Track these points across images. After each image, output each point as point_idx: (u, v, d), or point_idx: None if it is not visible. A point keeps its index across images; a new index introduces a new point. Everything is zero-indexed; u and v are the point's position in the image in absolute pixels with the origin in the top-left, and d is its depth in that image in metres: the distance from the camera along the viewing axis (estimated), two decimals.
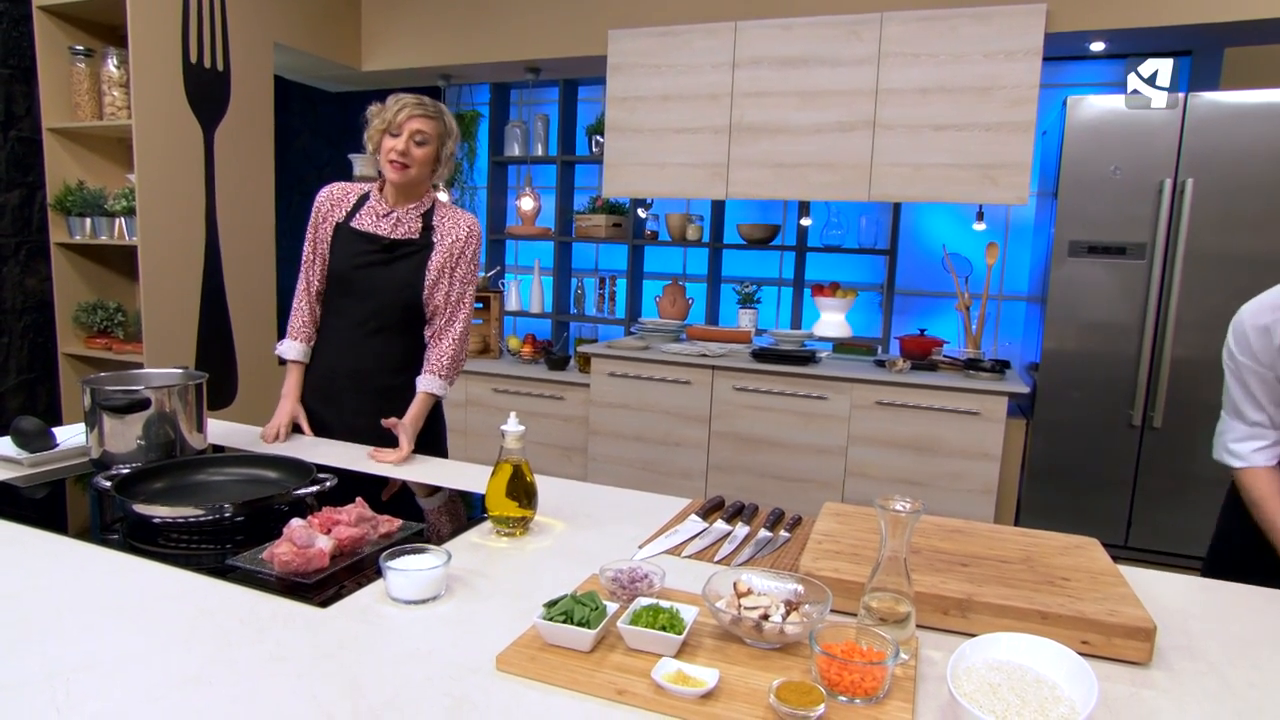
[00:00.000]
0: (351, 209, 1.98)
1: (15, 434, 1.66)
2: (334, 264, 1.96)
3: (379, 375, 1.98)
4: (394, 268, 1.93)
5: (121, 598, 1.07)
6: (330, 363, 2.00)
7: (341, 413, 1.99)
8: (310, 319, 2.03)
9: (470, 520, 1.43)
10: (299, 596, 1.08)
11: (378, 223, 1.95)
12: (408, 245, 1.94)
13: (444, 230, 1.96)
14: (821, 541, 1.26)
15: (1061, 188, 2.90)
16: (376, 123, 1.88)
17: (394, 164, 1.86)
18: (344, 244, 1.95)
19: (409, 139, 1.85)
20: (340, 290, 1.97)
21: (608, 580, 1.08)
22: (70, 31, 3.16)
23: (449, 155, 1.95)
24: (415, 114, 1.85)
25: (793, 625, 0.96)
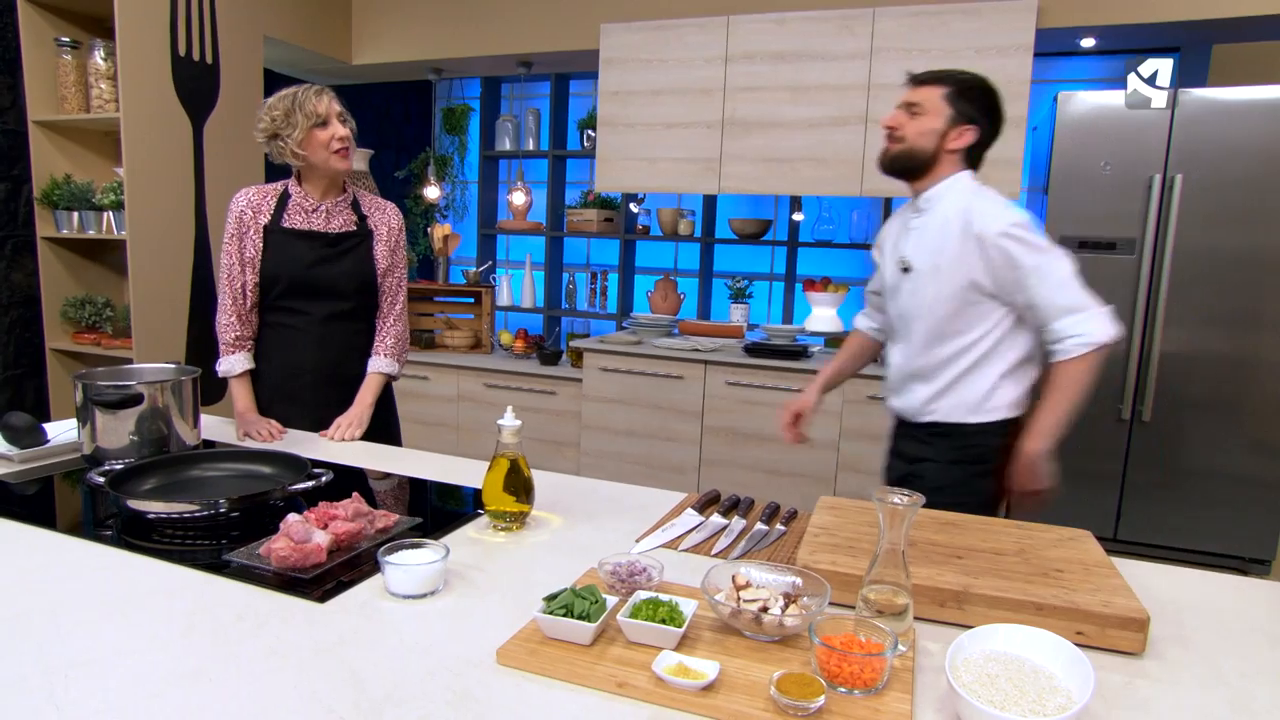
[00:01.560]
0: (275, 210, 1.95)
1: (5, 429, 1.65)
2: (278, 267, 1.94)
3: (347, 364, 2.04)
4: (344, 260, 1.98)
5: (117, 594, 1.06)
6: (293, 361, 2.00)
7: (306, 408, 2.00)
8: (245, 329, 2.00)
9: (467, 515, 1.42)
10: (297, 592, 1.08)
11: (310, 219, 1.97)
12: (350, 237, 2.00)
13: (376, 219, 2.04)
14: (818, 535, 1.26)
15: (1052, 183, 2.92)
16: (300, 119, 1.86)
17: (339, 152, 1.91)
18: (283, 246, 1.94)
19: (338, 122, 1.90)
20: (293, 291, 1.96)
21: (606, 574, 1.09)
22: (55, 23, 3.12)
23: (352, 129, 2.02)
24: (330, 97, 1.90)
25: (792, 618, 0.96)
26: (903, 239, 1.80)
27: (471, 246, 4.92)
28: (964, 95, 1.69)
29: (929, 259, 1.71)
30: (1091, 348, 1.61)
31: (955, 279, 1.68)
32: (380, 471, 1.69)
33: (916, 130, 1.71)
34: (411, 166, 4.87)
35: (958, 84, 1.70)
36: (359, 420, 1.97)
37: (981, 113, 1.71)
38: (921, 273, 1.73)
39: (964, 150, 1.72)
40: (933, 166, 1.72)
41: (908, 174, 1.75)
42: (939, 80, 1.71)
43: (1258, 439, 2.80)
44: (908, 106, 1.72)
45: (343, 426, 1.94)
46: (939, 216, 1.70)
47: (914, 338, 1.78)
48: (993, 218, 1.63)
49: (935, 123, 1.69)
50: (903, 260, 1.77)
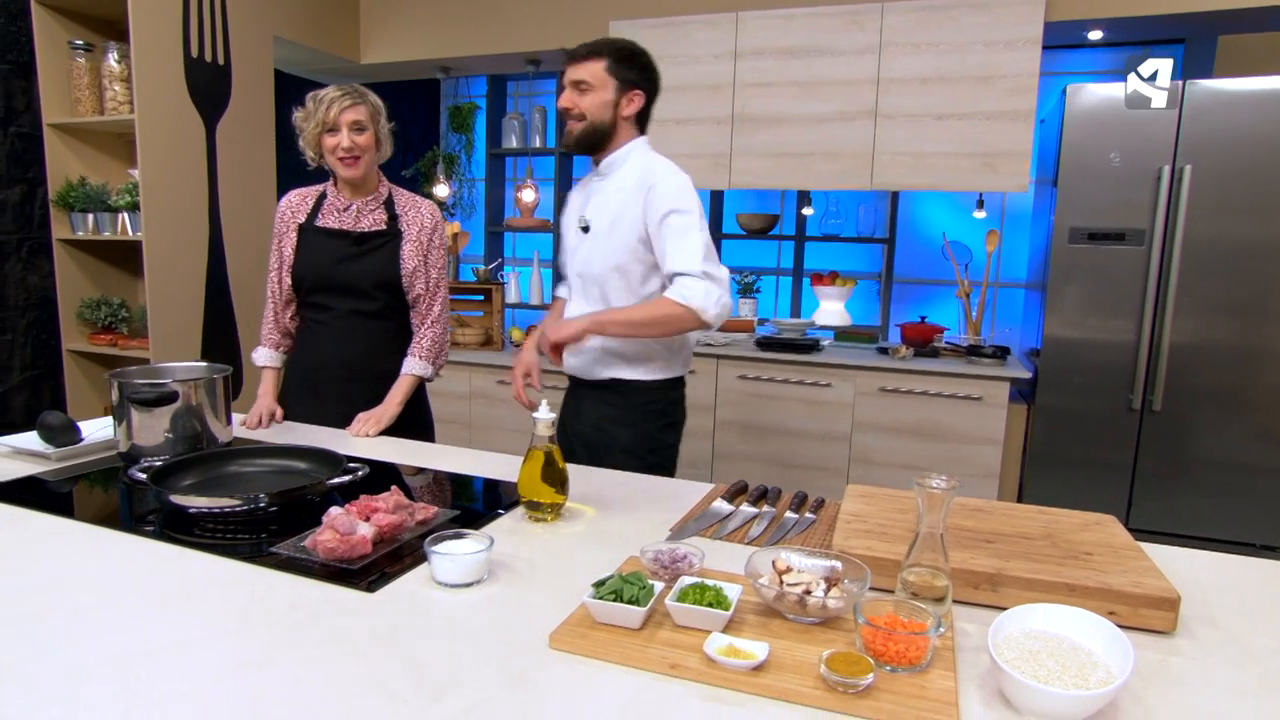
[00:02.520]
0: (312, 210, 2.04)
1: (42, 429, 1.67)
2: (307, 264, 2.01)
3: (369, 362, 2.06)
4: (368, 259, 2.01)
5: (171, 586, 1.09)
6: (318, 358, 2.05)
7: (333, 404, 2.04)
8: (277, 325, 2.12)
9: (502, 507, 1.45)
10: (346, 582, 1.10)
11: (340, 218, 2.03)
12: (377, 236, 2.03)
13: (409, 219, 2.05)
14: (850, 521, 1.29)
15: (1061, 175, 2.94)
16: (311, 126, 1.94)
17: (344, 160, 1.95)
18: (313, 243, 2.02)
19: (349, 131, 1.92)
20: (318, 287, 2.03)
21: (649, 560, 1.11)
22: (69, 26, 3.14)
23: (386, 133, 2.02)
24: (347, 105, 1.92)
25: (834, 600, 0.99)
26: (584, 203, 1.91)
27: (479, 244, 4.94)
28: (623, 63, 1.80)
29: (607, 218, 1.83)
30: (687, 303, 1.71)
31: (630, 236, 1.80)
32: (411, 466, 1.72)
33: (591, 104, 1.79)
34: (419, 165, 4.89)
35: (614, 53, 1.79)
36: (380, 418, 1.98)
37: (643, 77, 1.83)
38: (598, 233, 1.84)
39: (634, 115, 1.84)
40: (613, 136, 1.83)
41: (593, 148, 1.85)
42: (596, 53, 1.79)
43: (1268, 428, 2.83)
44: (575, 85, 1.79)
45: (363, 422, 1.97)
46: (618, 179, 1.84)
47: (590, 296, 1.89)
48: (663, 176, 1.77)
49: (606, 94, 1.79)
50: (582, 219, 1.89)
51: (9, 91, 3.08)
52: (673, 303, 1.72)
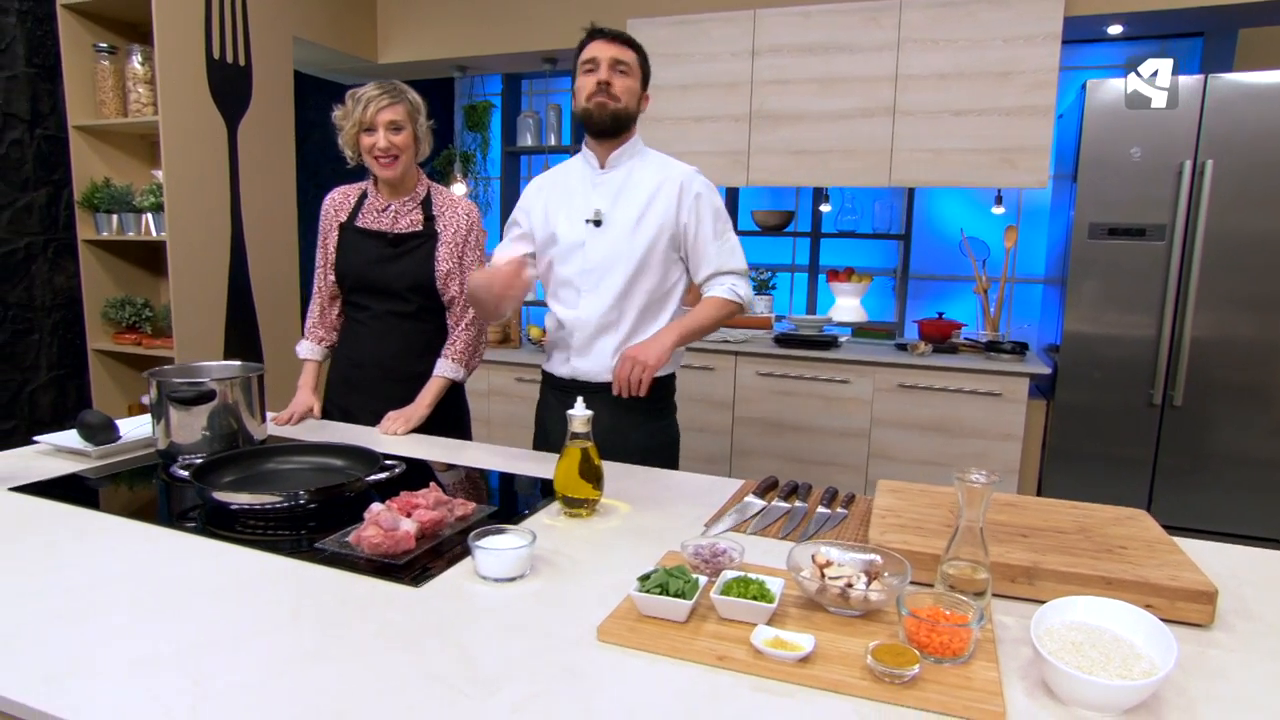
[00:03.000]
0: (354, 209, 2.07)
1: (82, 427, 1.70)
2: (347, 264, 2.05)
3: (404, 363, 2.07)
4: (402, 261, 2.01)
5: (221, 581, 1.11)
6: (356, 355, 2.09)
7: (367, 400, 2.08)
8: (321, 320, 2.16)
9: (538, 502, 1.47)
10: (391, 577, 1.12)
11: (379, 218, 2.04)
12: (413, 238, 2.03)
13: (445, 220, 2.04)
14: (884, 516, 1.30)
15: (1081, 171, 2.94)
16: (349, 125, 1.96)
17: (380, 160, 1.96)
18: (352, 243, 2.05)
19: (386, 131, 1.93)
20: (356, 286, 2.06)
21: (690, 555, 1.13)
22: (93, 29, 3.18)
23: (425, 131, 2.02)
24: (384, 104, 1.92)
25: (876, 593, 1.00)
26: (587, 194, 1.86)
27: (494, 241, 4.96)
28: (645, 62, 1.82)
29: (631, 212, 1.81)
30: (741, 300, 1.87)
31: (657, 231, 1.81)
32: (443, 463, 1.74)
33: (625, 88, 1.77)
34: (434, 164, 4.92)
35: (642, 51, 1.81)
36: (409, 417, 1.99)
37: (648, 75, 1.85)
38: (617, 225, 1.82)
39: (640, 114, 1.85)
40: (630, 127, 1.83)
41: (614, 133, 1.81)
42: (632, 45, 1.79)
43: None
44: (616, 64, 1.75)
45: (392, 419, 1.98)
46: (633, 174, 1.83)
47: (603, 290, 1.85)
48: (698, 178, 1.84)
49: (636, 85, 1.80)
50: (596, 213, 1.83)
51: (35, 94, 3.12)
52: (729, 301, 1.85)
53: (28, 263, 3.16)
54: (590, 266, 1.85)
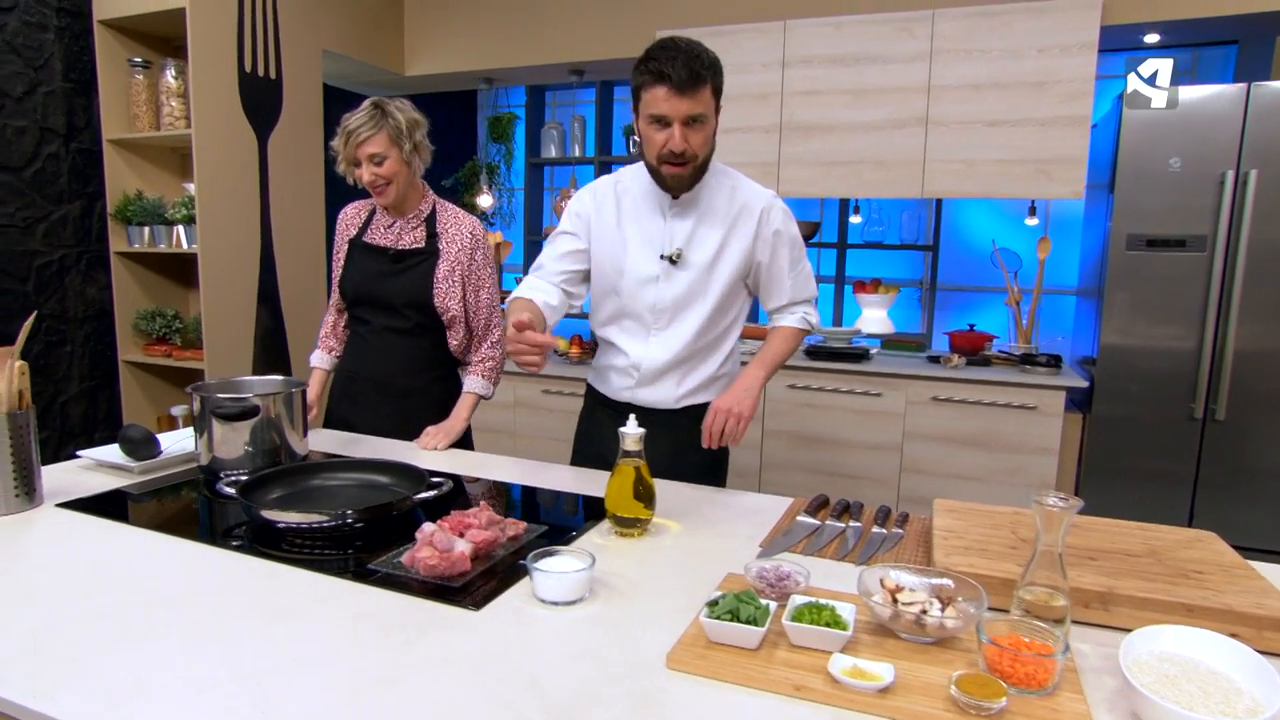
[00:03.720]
0: (364, 224, 2.10)
1: (124, 442, 1.69)
2: (350, 279, 2.07)
3: (399, 378, 2.07)
4: (402, 277, 2.03)
5: (277, 602, 1.09)
6: (354, 367, 2.12)
7: (365, 414, 2.10)
8: (333, 331, 2.21)
9: (586, 521, 1.44)
10: (448, 599, 1.10)
11: (385, 234, 2.07)
12: (414, 255, 2.04)
13: (448, 238, 2.05)
14: (946, 538, 1.27)
15: (1119, 181, 2.89)
16: (342, 161, 1.99)
17: (373, 188, 1.99)
18: (359, 258, 2.08)
19: (369, 165, 1.95)
20: (358, 300, 2.08)
21: (754, 578, 1.10)
22: (128, 44, 3.20)
23: (417, 146, 1.99)
24: (362, 139, 1.92)
25: (952, 619, 0.97)
26: (659, 223, 1.71)
27: (519, 254, 4.96)
28: (719, 75, 1.57)
29: (708, 251, 1.70)
30: (813, 329, 1.85)
31: (734, 268, 1.72)
32: (481, 479, 1.72)
33: (702, 142, 1.58)
34: (458, 175, 4.93)
35: (714, 68, 1.55)
36: (449, 431, 1.99)
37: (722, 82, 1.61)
38: (695, 266, 1.70)
39: None
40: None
41: (698, 181, 1.66)
42: (701, 78, 1.51)
43: None
44: (691, 121, 1.53)
45: (432, 435, 1.97)
46: (706, 204, 1.69)
47: (677, 329, 1.75)
48: (772, 201, 1.73)
49: (712, 122, 1.60)
50: (675, 251, 1.70)
51: (71, 109, 3.14)
52: (803, 332, 1.83)
53: (61, 275, 3.18)
54: (664, 306, 1.73)
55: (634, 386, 1.81)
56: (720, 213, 1.70)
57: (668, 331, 1.76)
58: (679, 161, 1.57)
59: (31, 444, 1.43)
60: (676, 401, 1.80)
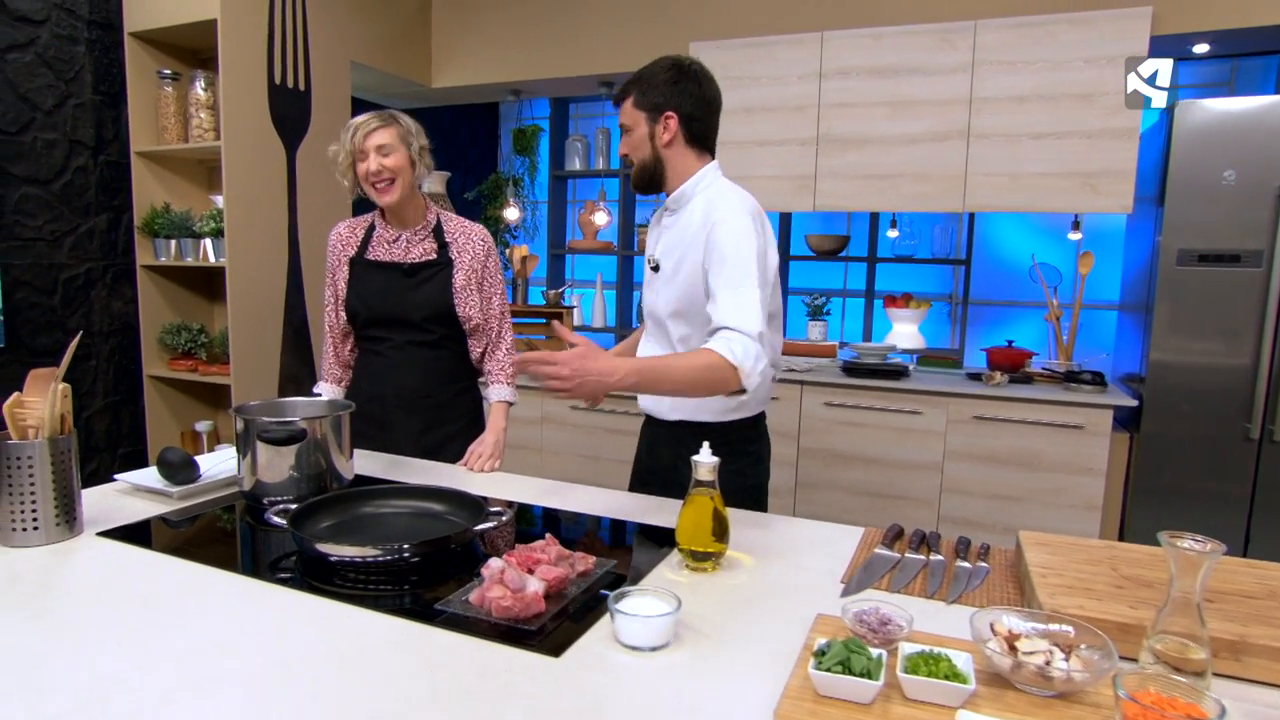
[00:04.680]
0: (362, 243, 2.02)
1: (163, 466, 1.63)
2: (360, 298, 1.99)
3: (426, 393, 2.02)
4: (421, 290, 1.97)
5: (341, 647, 1.02)
6: (376, 389, 2.03)
7: (393, 433, 2.03)
8: (335, 359, 2.11)
9: (655, 554, 1.37)
10: (524, 644, 1.03)
11: (390, 249, 2.00)
12: (428, 267, 1.99)
13: (459, 246, 2.01)
14: (1045, 575, 1.19)
15: (1169, 195, 2.82)
16: (343, 158, 1.92)
17: (376, 186, 1.91)
18: (364, 277, 2.00)
19: (376, 155, 1.88)
20: (373, 320, 2.00)
21: (853, 622, 1.02)
22: (158, 56, 3.17)
23: (421, 151, 1.96)
24: (372, 128, 1.88)
25: (1081, 672, 0.90)
26: (655, 240, 1.79)
27: (543, 268, 4.90)
28: (647, 91, 1.65)
29: (674, 258, 1.68)
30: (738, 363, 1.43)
31: (695, 278, 1.63)
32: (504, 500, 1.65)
33: (632, 146, 1.70)
34: (481, 188, 4.88)
35: (640, 83, 1.66)
36: (497, 449, 1.95)
37: (671, 95, 1.64)
38: (665, 273, 1.71)
39: (681, 140, 1.66)
40: (665, 169, 1.69)
41: (652, 187, 1.73)
42: (625, 92, 1.68)
43: None
44: (623, 130, 1.71)
45: (481, 456, 1.91)
46: (686, 215, 1.69)
47: (657, 337, 1.78)
48: (724, 217, 1.57)
49: (640, 130, 1.67)
50: (651, 258, 1.76)
51: (100, 121, 3.11)
52: (720, 359, 1.43)
53: (87, 288, 3.13)
54: (653, 311, 1.78)
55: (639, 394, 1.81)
56: (693, 224, 1.65)
57: (653, 338, 1.79)
58: (626, 163, 1.75)
59: (73, 470, 1.37)
60: (670, 412, 1.77)
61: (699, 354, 1.47)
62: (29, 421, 1.34)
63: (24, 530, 1.31)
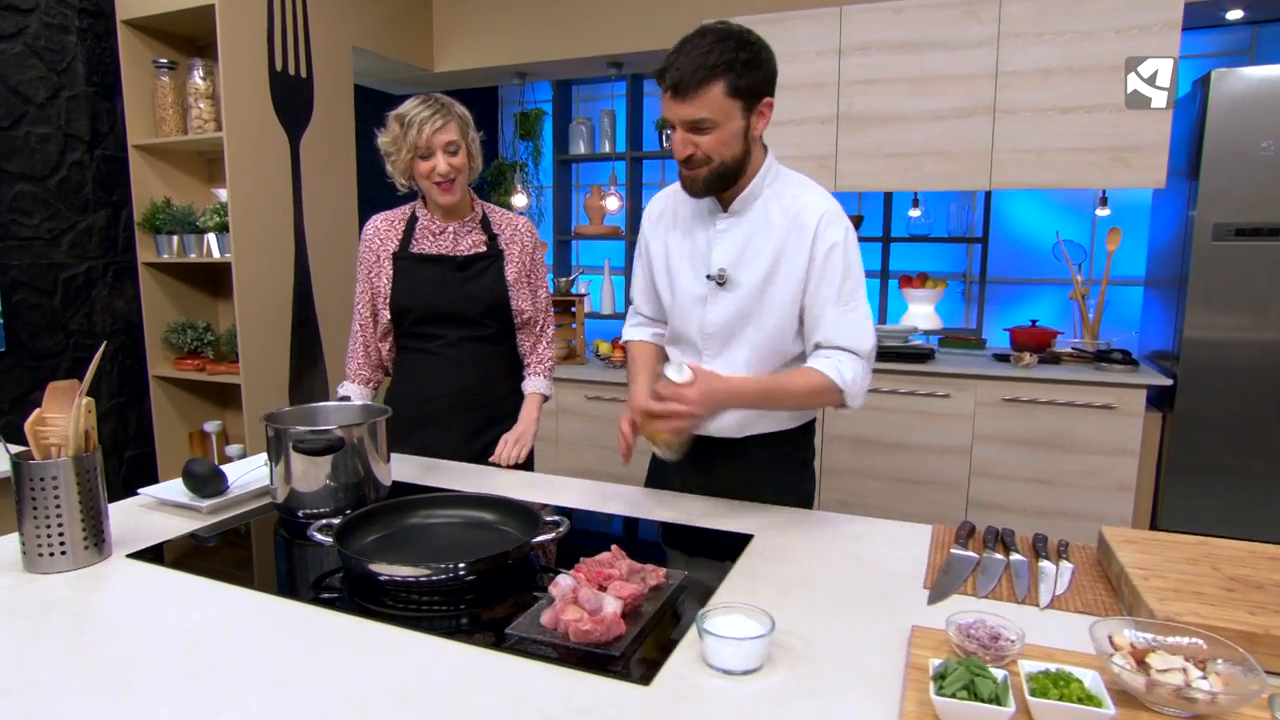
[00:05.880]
0: (404, 236, 1.90)
1: (189, 478, 1.55)
2: (410, 294, 1.88)
3: (484, 389, 1.94)
4: (475, 284, 1.89)
5: (410, 678, 0.94)
6: (428, 389, 1.92)
7: (445, 433, 1.93)
8: (366, 360, 1.98)
9: (717, 564, 1.29)
10: (608, 672, 0.95)
11: (437, 242, 1.90)
12: (480, 260, 1.90)
13: (507, 238, 1.94)
14: (1146, 578, 1.12)
15: (1204, 168, 2.75)
16: (403, 152, 1.78)
17: (441, 185, 1.80)
18: (412, 272, 1.89)
19: (444, 155, 1.77)
20: (426, 317, 1.90)
21: (959, 636, 0.95)
22: (153, 45, 3.04)
23: (477, 147, 1.87)
24: (438, 126, 1.76)
25: (1227, 694, 0.83)
26: (708, 246, 1.54)
27: (549, 254, 4.81)
28: (745, 73, 1.37)
29: (759, 269, 1.48)
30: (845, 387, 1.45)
31: (792, 289, 1.48)
32: (612, 514, 1.57)
33: (715, 145, 1.40)
34: (484, 174, 4.77)
35: (730, 66, 1.35)
36: (524, 437, 1.91)
37: (766, 76, 1.42)
38: (745, 286, 1.50)
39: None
40: (747, 166, 1.47)
41: (725, 188, 1.48)
42: (709, 77, 1.35)
43: None
44: (692, 126, 1.39)
45: (509, 444, 1.87)
46: (758, 216, 1.49)
47: (734, 355, 1.55)
48: (833, 219, 1.45)
49: (734, 124, 1.39)
50: (719, 272, 1.51)
51: (95, 114, 2.99)
52: (829, 382, 1.43)
53: (88, 287, 3.03)
54: (712, 330, 1.56)
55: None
56: (775, 225, 1.48)
57: (720, 359, 1.57)
58: (688, 166, 1.44)
59: (99, 489, 1.29)
60: (739, 430, 1.60)
61: (808, 374, 1.45)
62: (51, 439, 1.26)
63: (50, 555, 1.23)
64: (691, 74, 1.34)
